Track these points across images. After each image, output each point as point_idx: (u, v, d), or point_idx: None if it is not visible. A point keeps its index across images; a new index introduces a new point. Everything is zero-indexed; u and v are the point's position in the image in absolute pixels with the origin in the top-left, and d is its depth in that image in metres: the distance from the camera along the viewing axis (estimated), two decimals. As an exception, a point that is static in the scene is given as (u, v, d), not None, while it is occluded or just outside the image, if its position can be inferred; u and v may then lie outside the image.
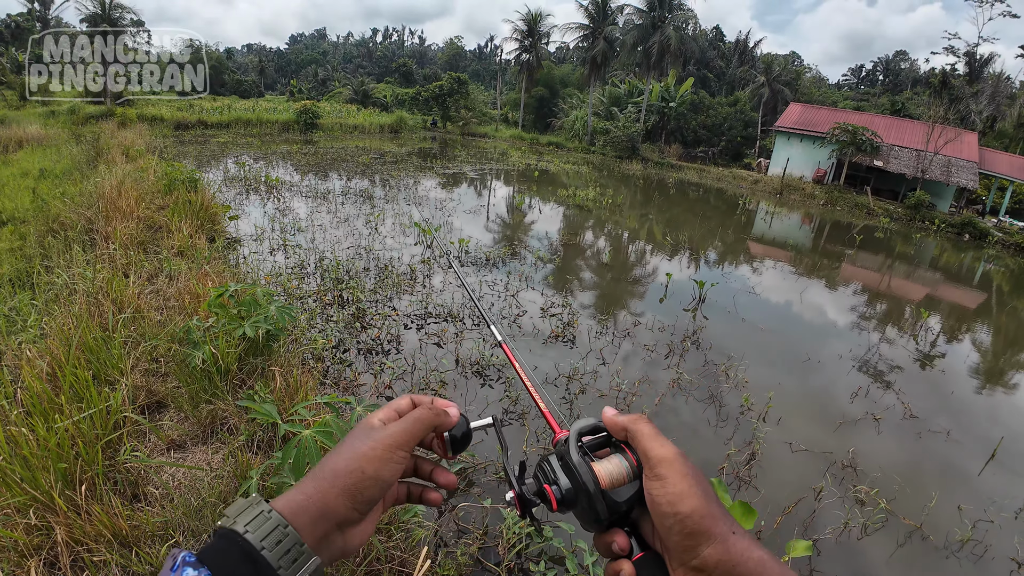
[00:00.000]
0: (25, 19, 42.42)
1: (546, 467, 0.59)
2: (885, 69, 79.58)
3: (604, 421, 0.59)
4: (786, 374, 6.80)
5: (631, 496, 0.54)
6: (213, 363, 3.59)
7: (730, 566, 0.47)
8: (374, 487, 0.53)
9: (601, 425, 0.60)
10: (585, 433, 0.60)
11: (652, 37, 34.31)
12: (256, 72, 78.82)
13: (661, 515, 0.50)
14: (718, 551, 0.47)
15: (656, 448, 0.53)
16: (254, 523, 0.47)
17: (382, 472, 0.54)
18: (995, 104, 34.04)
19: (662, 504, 0.50)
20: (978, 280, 16.04)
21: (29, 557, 2.33)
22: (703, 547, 0.48)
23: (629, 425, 0.56)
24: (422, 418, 0.59)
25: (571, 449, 0.57)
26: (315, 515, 0.50)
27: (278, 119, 33.03)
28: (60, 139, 17.75)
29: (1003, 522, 4.53)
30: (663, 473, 0.51)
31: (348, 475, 0.52)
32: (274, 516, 0.48)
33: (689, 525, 0.48)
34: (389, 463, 0.54)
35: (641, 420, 0.56)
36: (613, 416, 0.58)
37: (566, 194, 18.50)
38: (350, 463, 0.53)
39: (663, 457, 0.52)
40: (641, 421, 0.56)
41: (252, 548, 0.45)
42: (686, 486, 0.50)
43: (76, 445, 2.82)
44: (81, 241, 6.66)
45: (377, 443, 0.55)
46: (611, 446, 0.59)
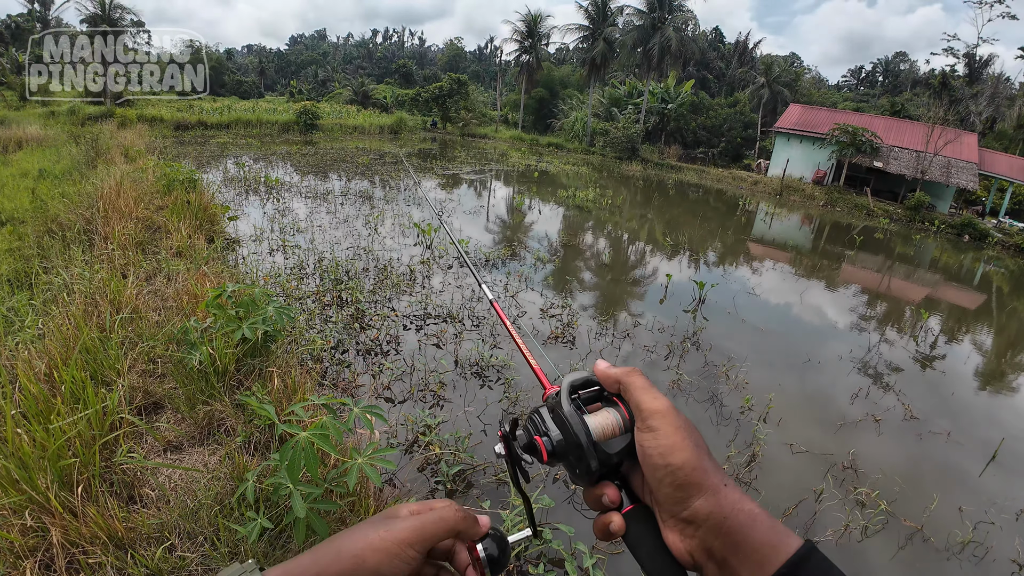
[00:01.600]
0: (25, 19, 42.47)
1: (536, 419, 0.58)
2: (885, 70, 79.63)
3: (596, 373, 0.59)
4: (786, 375, 6.79)
5: (622, 448, 0.54)
6: (210, 364, 3.58)
7: (720, 518, 0.47)
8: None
9: (593, 378, 0.60)
10: (577, 387, 0.59)
11: (652, 38, 34.32)
12: (256, 73, 78.92)
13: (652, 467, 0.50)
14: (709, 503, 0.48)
15: (649, 400, 0.52)
16: None
17: (383, 567, 0.50)
18: (995, 105, 34.08)
19: (653, 456, 0.50)
20: (978, 281, 16.03)
21: (25, 559, 2.31)
22: (694, 499, 0.48)
23: (622, 377, 0.56)
24: (444, 518, 0.54)
25: (563, 401, 0.56)
26: None
27: (278, 120, 33.02)
28: (59, 139, 17.73)
29: (1004, 523, 4.52)
30: (655, 425, 0.51)
31: (349, 560, 0.49)
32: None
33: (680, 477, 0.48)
34: (394, 559, 0.50)
35: (634, 372, 0.56)
36: (606, 368, 0.58)
37: (566, 195, 18.49)
38: (354, 548, 0.50)
39: (656, 409, 0.52)
40: (634, 374, 0.56)
41: None
42: (678, 438, 0.50)
43: (72, 446, 2.80)
44: (79, 241, 6.65)
45: (388, 535, 0.51)
46: (602, 400, 0.59)
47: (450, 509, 0.56)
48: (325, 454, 2.82)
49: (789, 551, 0.44)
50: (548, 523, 3.49)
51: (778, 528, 0.47)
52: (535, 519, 0.64)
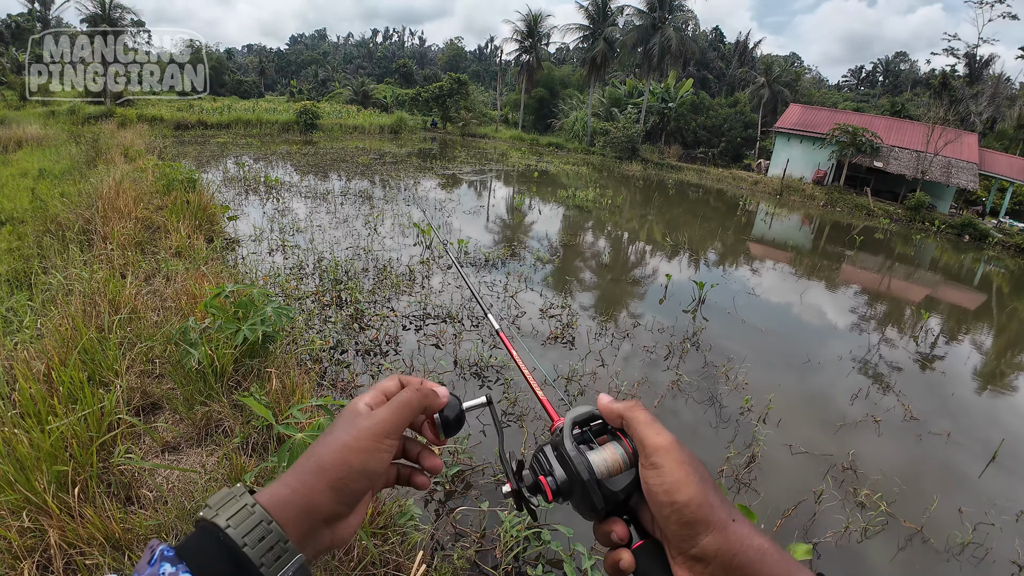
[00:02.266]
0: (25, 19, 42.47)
1: (541, 458, 0.58)
2: (885, 70, 79.57)
3: (599, 408, 0.59)
4: (786, 376, 6.78)
5: (627, 485, 0.54)
6: (209, 364, 3.57)
7: (729, 555, 0.46)
8: (361, 480, 0.51)
9: (596, 413, 0.59)
10: (581, 421, 0.59)
11: (652, 38, 34.32)
12: (256, 73, 78.91)
13: (658, 504, 0.50)
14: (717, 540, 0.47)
15: (651, 436, 0.52)
16: (236, 517, 0.45)
17: (369, 464, 0.51)
18: (995, 105, 34.06)
19: (658, 493, 0.49)
20: (978, 281, 16.02)
21: (23, 559, 2.31)
22: (702, 536, 0.47)
23: (624, 412, 0.55)
24: (410, 401, 0.56)
25: (565, 439, 0.56)
26: (300, 511, 0.48)
27: (278, 120, 33.01)
28: (59, 139, 17.72)
29: (1004, 525, 4.51)
30: (659, 462, 0.50)
31: (334, 469, 0.50)
32: (258, 511, 0.45)
33: (686, 514, 0.48)
34: (376, 453, 0.52)
35: (636, 407, 0.55)
36: (608, 403, 0.57)
37: (566, 195, 18.48)
38: (335, 455, 0.51)
39: (659, 445, 0.51)
40: (636, 408, 0.55)
41: (234, 545, 0.43)
42: (682, 474, 0.49)
43: (70, 447, 2.79)
44: (79, 241, 6.64)
45: (362, 432, 0.52)
46: (608, 433, 0.58)
47: (411, 391, 0.57)
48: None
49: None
50: (547, 524, 3.48)
51: (789, 562, 0.46)
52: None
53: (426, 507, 3.64)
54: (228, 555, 0.43)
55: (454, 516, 3.54)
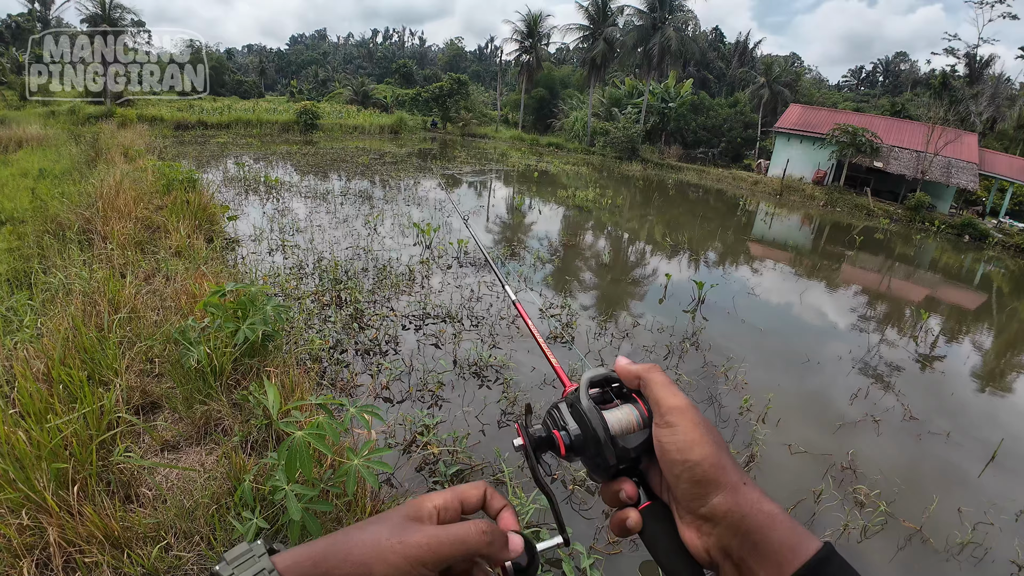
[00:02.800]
0: (25, 19, 42.49)
1: (555, 413, 0.59)
2: (885, 70, 79.63)
3: (617, 369, 0.59)
4: (785, 376, 6.78)
5: (640, 444, 0.54)
6: (208, 363, 3.57)
7: (739, 516, 0.46)
8: None
9: (612, 375, 0.60)
10: (595, 383, 0.60)
11: (652, 38, 34.33)
12: (256, 73, 78.95)
13: (671, 462, 0.50)
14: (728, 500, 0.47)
15: (668, 397, 0.53)
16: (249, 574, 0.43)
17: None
18: (995, 105, 34.02)
19: (672, 451, 0.50)
20: (978, 281, 16.02)
21: (22, 557, 2.32)
22: (712, 495, 0.48)
23: (643, 373, 0.56)
24: (467, 541, 0.49)
25: (581, 396, 0.57)
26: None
27: (278, 120, 33.02)
28: (60, 139, 17.73)
29: (1003, 524, 4.51)
30: (674, 421, 0.51)
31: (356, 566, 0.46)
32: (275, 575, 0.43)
33: (699, 473, 0.48)
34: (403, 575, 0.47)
35: (655, 369, 0.56)
36: (627, 364, 0.58)
37: (566, 195, 18.49)
38: (365, 553, 0.47)
39: (675, 405, 0.52)
40: (655, 370, 0.56)
41: None
42: (697, 434, 0.50)
43: (70, 446, 2.80)
44: (78, 241, 6.65)
45: (401, 548, 0.47)
46: (620, 397, 0.59)
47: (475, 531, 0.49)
48: (322, 454, 2.82)
49: (808, 553, 0.44)
50: (546, 523, 3.48)
51: (797, 529, 0.46)
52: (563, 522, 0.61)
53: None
54: None
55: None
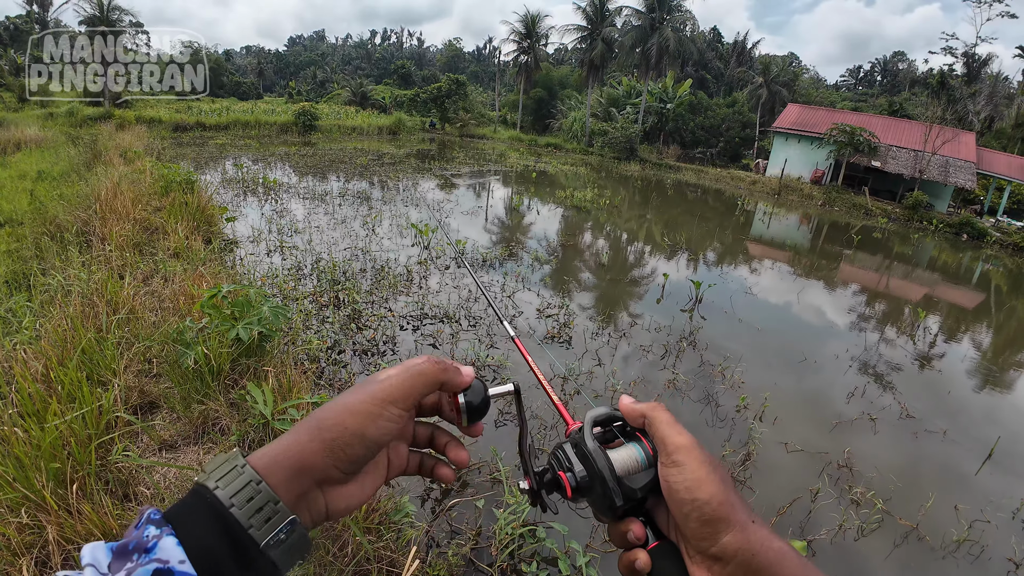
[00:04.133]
0: (24, 21, 42.48)
1: (560, 454, 0.58)
2: (883, 70, 79.76)
3: (621, 408, 0.59)
4: (782, 374, 6.80)
5: (646, 484, 0.54)
6: (205, 364, 3.59)
7: (749, 555, 0.46)
8: (357, 444, 0.49)
9: (615, 414, 0.60)
10: (599, 422, 0.59)
11: (650, 38, 34.36)
12: (255, 74, 78.96)
13: (679, 502, 0.50)
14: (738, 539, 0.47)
15: (674, 436, 0.52)
16: (226, 478, 0.43)
17: (367, 428, 0.49)
18: (993, 104, 34.12)
19: (680, 491, 0.49)
20: (976, 280, 16.05)
21: (21, 556, 2.33)
22: (722, 534, 0.47)
23: (648, 412, 0.56)
24: (424, 371, 0.54)
25: (586, 436, 0.57)
26: (291, 469, 0.46)
27: (276, 121, 33.04)
28: (58, 141, 17.73)
29: (1000, 522, 4.52)
30: (681, 460, 0.50)
31: (330, 428, 0.48)
32: (247, 471, 0.44)
33: (707, 512, 0.48)
34: (377, 419, 0.50)
35: (659, 408, 0.56)
36: (631, 404, 0.58)
37: (564, 195, 18.50)
38: (334, 415, 0.49)
39: (681, 444, 0.51)
40: (659, 409, 0.56)
41: (221, 505, 0.42)
42: (704, 473, 0.49)
43: (68, 445, 2.81)
44: (77, 243, 6.66)
45: (367, 395, 0.50)
46: (624, 436, 0.59)
47: (429, 363, 0.54)
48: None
49: None
50: (542, 522, 3.50)
51: (807, 566, 0.46)
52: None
53: (422, 505, 3.66)
54: (215, 516, 0.41)
55: (449, 513, 3.55)
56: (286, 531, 0.44)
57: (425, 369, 0.54)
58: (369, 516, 2.87)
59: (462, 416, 0.58)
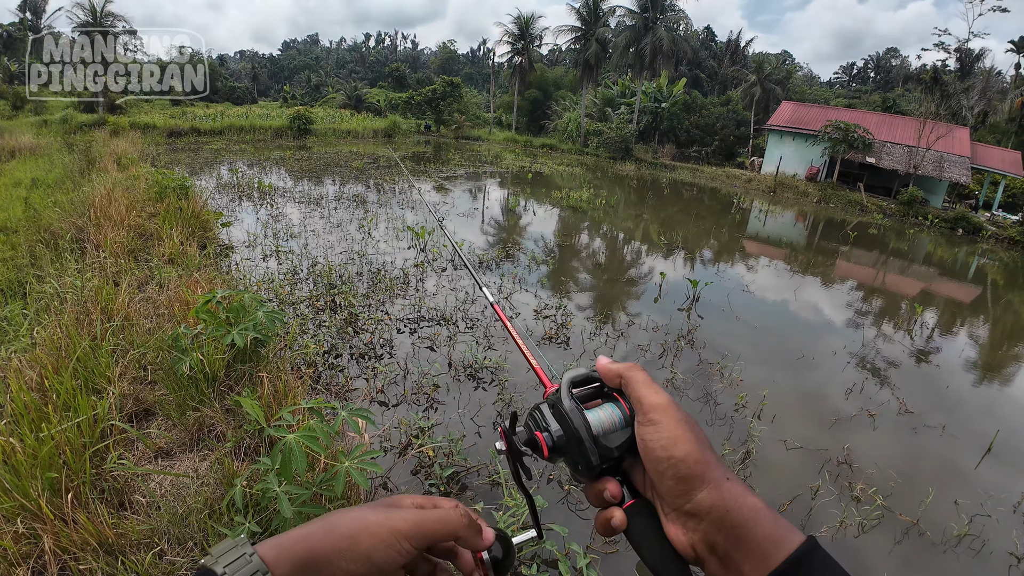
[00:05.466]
0: (17, 29, 42.33)
1: (537, 415, 0.58)
2: (876, 66, 79.99)
3: (598, 368, 0.59)
4: (780, 372, 6.79)
5: (623, 443, 0.54)
6: (200, 370, 3.57)
7: (723, 511, 0.47)
8: (362, 563, 0.48)
9: (592, 375, 0.59)
10: (577, 383, 0.59)
11: (644, 38, 34.41)
12: (249, 78, 78.85)
13: (654, 460, 0.50)
14: (712, 496, 0.47)
15: (650, 395, 0.53)
16: (233, 565, 0.44)
17: (376, 553, 0.48)
18: (986, 99, 34.21)
19: (656, 448, 0.50)
20: (972, 274, 16.09)
21: (18, 565, 2.32)
22: (697, 491, 0.48)
23: (624, 372, 0.56)
24: (446, 520, 0.52)
25: (563, 396, 0.57)
26: (298, 563, 0.46)
27: (271, 125, 33.03)
28: (52, 148, 17.69)
29: (1000, 516, 4.52)
30: (657, 418, 0.51)
31: (342, 538, 0.48)
32: (255, 561, 0.44)
33: (683, 469, 0.48)
34: (388, 548, 0.49)
35: (636, 368, 0.56)
36: (608, 363, 0.58)
37: (560, 196, 18.50)
38: (350, 526, 0.49)
39: (657, 403, 0.52)
40: (636, 369, 0.56)
41: None
42: (680, 431, 0.50)
43: (63, 454, 2.79)
44: (72, 250, 6.63)
45: (386, 521, 0.50)
46: (602, 397, 0.59)
47: (455, 512, 0.53)
48: (315, 457, 2.82)
49: (792, 546, 0.44)
50: (542, 523, 3.48)
51: (781, 523, 0.47)
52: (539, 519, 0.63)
53: (422, 509, 3.64)
54: None
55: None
56: None
57: (446, 518, 0.53)
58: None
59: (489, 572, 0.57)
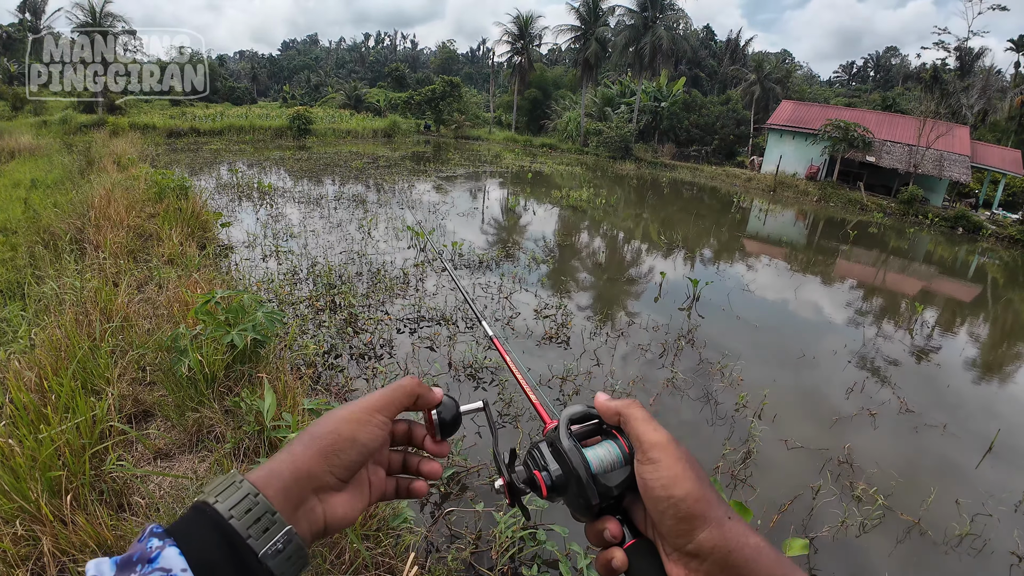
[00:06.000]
0: (16, 30, 42.33)
1: (536, 454, 0.58)
2: (876, 65, 79.97)
3: (596, 405, 0.58)
4: (781, 371, 6.78)
5: (622, 481, 0.54)
6: (199, 371, 3.56)
7: (726, 551, 0.46)
8: (351, 449, 0.52)
9: (591, 412, 0.59)
10: (575, 420, 0.59)
11: (644, 37, 34.39)
12: (249, 79, 78.82)
13: (655, 499, 0.49)
14: (714, 536, 0.47)
15: (649, 432, 0.52)
16: (224, 493, 0.45)
17: (359, 434, 0.53)
18: (986, 98, 34.18)
19: (656, 488, 0.49)
20: (972, 273, 16.08)
21: (17, 567, 2.31)
22: (698, 531, 0.47)
23: (622, 409, 0.55)
24: (404, 385, 0.59)
25: (561, 435, 0.56)
26: (287, 479, 0.48)
27: (271, 125, 33.03)
28: (52, 149, 17.67)
29: (1002, 515, 4.52)
30: (656, 457, 0.50)
31: (323, 437, 0.52)
32: (245, 485, 0.46)
33: (683, 509, 0.48)
34: (367, 425, 0.54)
35: (634, 405, 0.55)
36: (606, 401, 0.57)
37: (560, 195, 18.50)
38: (327, 425, 0.53)
39: (656, 441, 0.51)
40: (634, 406, 0.55)
41: (220, 517, 0.43)
42: (680, 469, 0.49)
43: (62, 455, 2.78)
44: (71, 251, 6.61)
45: (357, 406, 0.55)
46: (601, 433, 0.59)
47: (407, 379, 0.60)
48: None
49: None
50: (542, 524, 3.47)
51: (784, 562, 0.47)
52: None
53: (421, 510, 3.64)
54: (215, 528, 0.43)
55: (449, 518, 3.53)
56: (283, 541, 0.45)
57: (404, 383, 0.59)
58: (367, 523, 2.85)
59: (436, 430, 0.61)
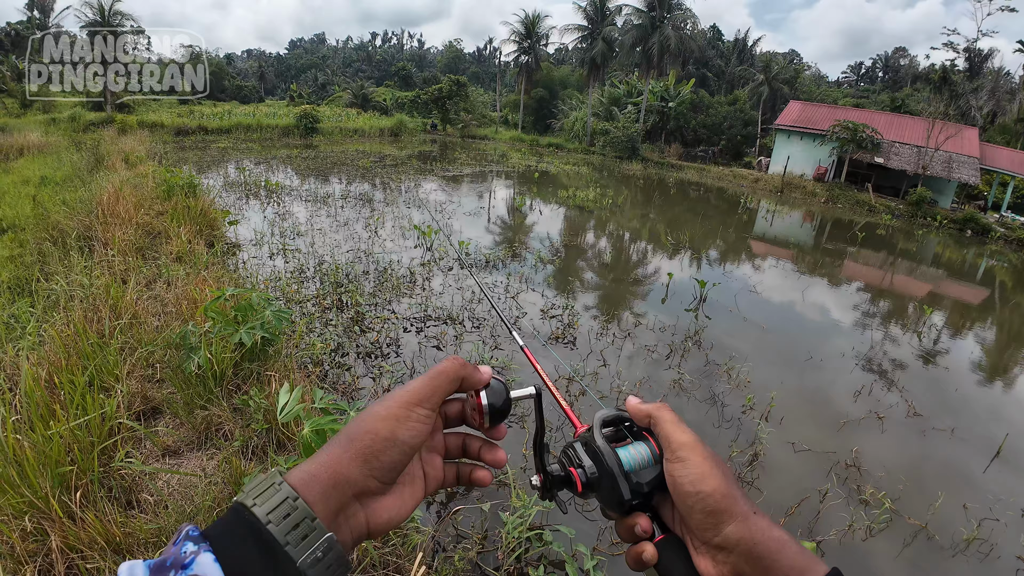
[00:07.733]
0: (25, 27, 42.60)
1: (571, 452, 0.61)
2: (885, 66, 79.54)
3: (628, 408, 0.61)
4: (788, 373, 6.76)
5: (652, 479, 0.57)
6: (208, 368, 3.57)
7: (751, 543, 0.48)
8: (391, 449, 0.50)
9: (622, 415, 0.63)
10: (607, 422, 0.62)
11: (651, 37, 34.28)
12: (256, 77, 79.07)
13: (684, 495, 0.52)
14: (740, 529, 0.49)
15: (678, 433, 0.55)
16: (263, 495, 0.44)
17: (398, 432, 0.50)
18: (995, 99, 33.98)
19: (685, 484, 0.52)
20: (981, 276, 15.97)
21: (25, 563, 2.32)
22: (725, 525, 0.50)
23: (653, 412, 0.59)
24: (445, 370, 0.55)
25: (596, 435, 0.60)
26: (327, 484, 0.46)
27: (278, 124, 33.08)
28: (60, 146, 17.78)
29: (1009, 520, 4.49)
30: (685, 456, 0.53)
31: (360, 438, 0.49)
32: (284, 488, 0.44)
33: (711, 504, 0.50)
34: (405, 422, 0.51)
35: (664, 408, 0.59)
36: (637, 404, 0.61)
37: (566, 195, 18.47)
38: (364, 425, 0.50)
39: (685, 442, 0.54)
40: (664, 409, 0.59)
41: (258, 523, 0.42)
42: (708, 467, 0.52)
43: (71, 451, 2.80)
44: (80, 248, 6.65)
45: (393, 401, 0.52)
46: (632, 435, 0.62)
47: (449, 360, 0.57)
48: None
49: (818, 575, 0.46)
50: (549, 524, 3.47)
51: (806, 554, 0.48)
52: None
53: (427, 509, 3.64)
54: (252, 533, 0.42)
55: (455, 517, 3.53)
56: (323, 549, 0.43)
57: (445, 367, 0.56)
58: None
59: (484, 418, 0.59)
